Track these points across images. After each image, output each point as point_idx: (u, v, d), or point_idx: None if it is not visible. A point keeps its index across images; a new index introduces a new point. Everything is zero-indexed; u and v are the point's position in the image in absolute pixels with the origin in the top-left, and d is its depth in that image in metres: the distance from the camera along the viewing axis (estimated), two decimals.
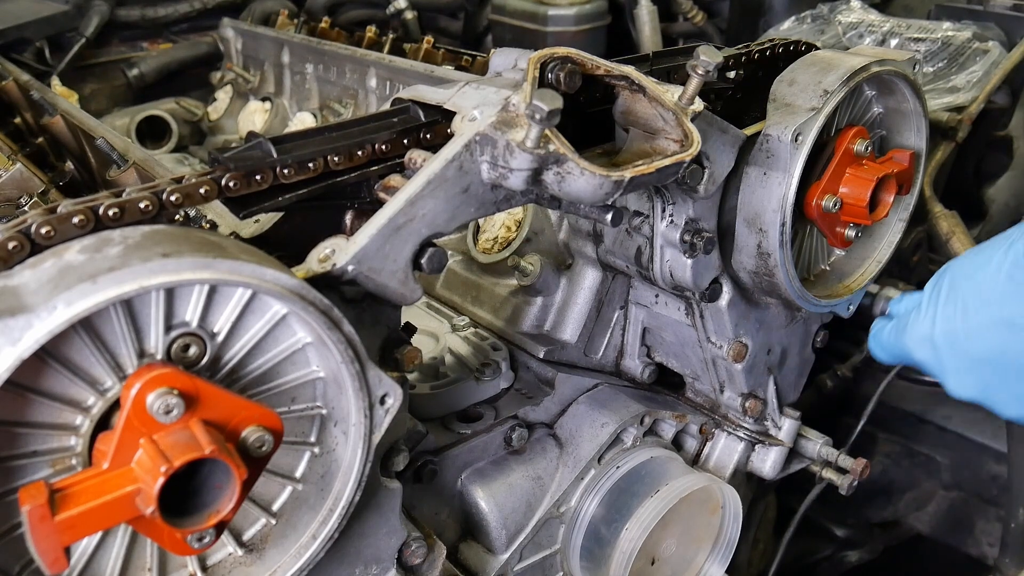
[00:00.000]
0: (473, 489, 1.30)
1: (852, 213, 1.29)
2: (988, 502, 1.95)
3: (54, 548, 0.70)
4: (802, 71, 1.27)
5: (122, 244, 0.76)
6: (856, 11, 2.29)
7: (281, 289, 0.80)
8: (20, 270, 0.75)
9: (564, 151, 0.93)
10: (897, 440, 2.05)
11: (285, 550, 0.93)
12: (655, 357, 1.53)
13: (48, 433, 0.77)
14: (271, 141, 0.94)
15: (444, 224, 0.96)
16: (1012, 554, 1.74)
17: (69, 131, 1.75)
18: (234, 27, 2.67)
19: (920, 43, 2.10)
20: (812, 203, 1.26)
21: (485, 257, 1.56)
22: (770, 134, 1.22)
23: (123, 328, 0.76)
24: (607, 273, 1.42)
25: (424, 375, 1.36)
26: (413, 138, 1.02)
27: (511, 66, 1.11)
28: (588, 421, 1.38)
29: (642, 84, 1.04)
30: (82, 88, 2.52)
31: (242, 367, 0.85)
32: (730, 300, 1.36)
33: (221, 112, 2.60)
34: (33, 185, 1.53)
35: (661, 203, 1.25)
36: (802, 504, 1.75)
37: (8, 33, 2.42)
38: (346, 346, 0.85)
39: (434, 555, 1.12)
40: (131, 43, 2.72)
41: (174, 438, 0.74)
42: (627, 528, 1.31)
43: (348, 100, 2.24)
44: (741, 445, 1.53)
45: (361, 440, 0.91)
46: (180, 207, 0.88)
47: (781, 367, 1.52)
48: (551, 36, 2.71)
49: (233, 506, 0.77)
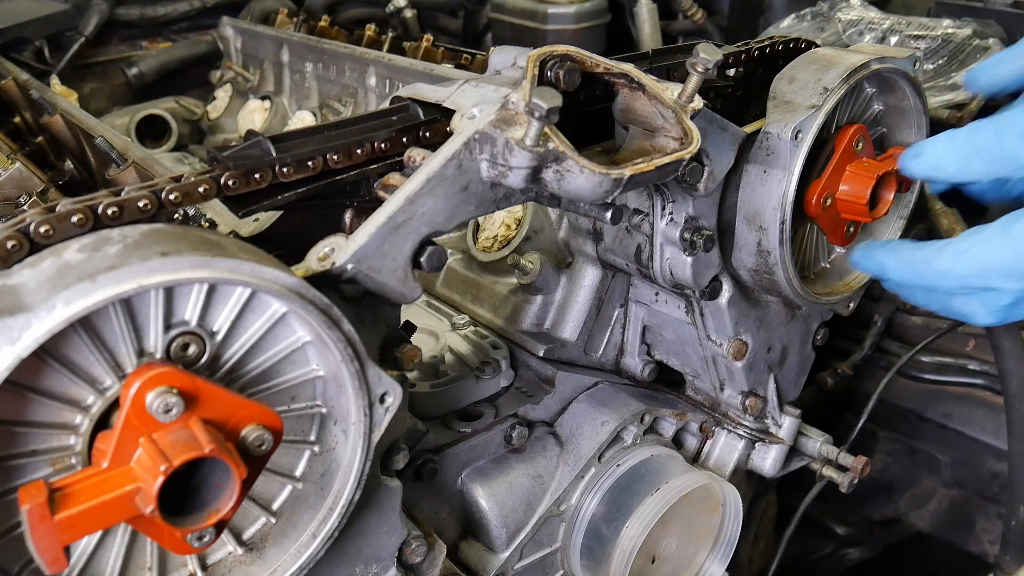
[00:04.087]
0: (473, 487, 1.30)
1: (852, 211, 1.29)
2: (989, 500, 1.95)
3: (54, 547, 0.70)
4: (802, 69, 1.27)
5: (121, 243, 0.76)
6: (856, 8, 2.29)
7: (280, 288, 0.80)
8: (19, 269, 0.75)
9: (563, 149, 0.93)
10: (898, 438, 2.05)
11: (285, 549, 0.93)
12: (655, 355, 1.53)
13: (47, 432, 0.77)
14: (270, 140, 0.94)
15: (443, 222, 0.95)
16: (1013, 551, 1.74)
17: (68, 130, 1.75)
18: (233, 26, 2.67)
19: (920, 40, 2.10)
20: (812, 201, 1.26)
21: (485, 255, 1.56)
22: (770, 132, 1.22)
23: (122, 327, 0.76)
24: (607, 271, 1.42)
25: (424, 373, 1.36)
26: (412, 136, 1.02)
27: (510, 64, 1.10)
28: (588, 419, 1.38)
29: (641, 82, 1.04)
30: (81, 87, 2.52)
31: (242, 366, 0.85)
32: (730, 298, 1.35)
33: (221, 111, 2.60)
34: (32, 184, 1.53)
35: (661, 201, 1.25)
36: (803, 502, 1.75)
37: (7, 32, 2.41)
38: (346, 345, 0.85)
39: (434, 554, 1.12)
40: (131, 42, 2.71)
41: (173, 437, 0.74)
42: (627, 526, 1.31)
43: (347, 99, 2.24)
44: (741, 443, 1.53)
45: (361, 439, 0.91)
46: (179, 206, 0.87)
47: (781, 365, 1.52)
48: (551, 34, 2.71)
49: (233, 505, 0.77)
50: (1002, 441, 1.81)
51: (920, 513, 2.06)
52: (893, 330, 1.99)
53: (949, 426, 1.94)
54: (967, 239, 1.02)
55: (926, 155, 1.07)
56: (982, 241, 0.99)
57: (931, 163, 1.06)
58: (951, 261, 1.01)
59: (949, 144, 1.04)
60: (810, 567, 2.21)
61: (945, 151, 1.04)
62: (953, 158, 1.03)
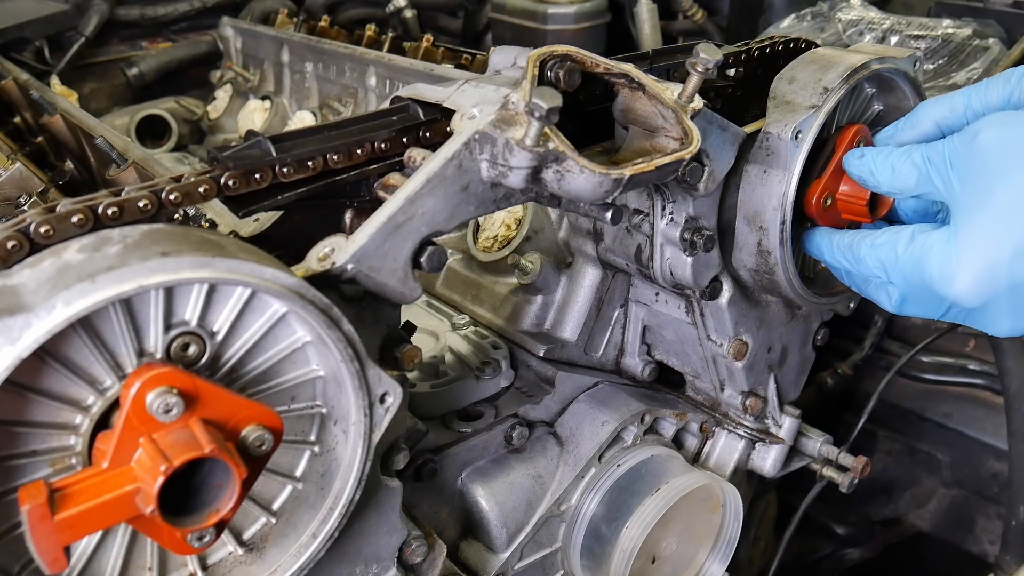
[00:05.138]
0: (473, 488, 1.30)
1: (853, 211, 1.29)
2: (989, 500, 1.95)
3: (54, 547, 0.70)
4: (802, 69, 1.27)
5: (121, 243, 0.76)
6: (856, 8, 2.29)
7: (280, 288, 0.80)
8: (19, 269, 0.75)
9: (563, 149, 0.93)
10: (898, 438, 2.05)
11: (285, 549, 0.93)
12: (655, 355, 1.53)
13: (47, 432, 0.77)
14: (270, 140, 0.94)
15: (444, 222, 0.95)
16: (1013, 551, 1.74)
17: (68, 130, 1.75)
18: (233, 26, 2.67)
19: (920, 40, 2.10)
20: (812, 201, 1.26)
21: (485, 255, 1.56)
22: (770, 132, 1.22)
23: (122, 327, 0.76)
24: (607, 271, 1.42)
25: (424, 373, 1.36)
26: (412, 136, 1.02)
27: (510, 64, 1.10)
28: (588, 419, 1.38)
29: (642, 82, 1.04)
30: (82, 87, 2.52)
31: (242, 366, 0.85)
32: (730, 298, 1.35)
33: (221, 111, 2.60)
34: (32, 184, 1.53)
35: (661, 201, 1.25)
36: (803, 502, 1.75)
37: (8, 32, 2.41)
38: (346, 345, 0.85)
39: (434, 554, 1.12)
40: (131, 42, 2.72)
41: (174, 437, 0.74)
42: (628, 526, 1.31)
43: (348, 99, 2.24)
44: (742, 443, 1.53)
45: (361, 439, 0.91)
46: (179, 206, 0.87)
47: (781, 365, 1.52)
48: (551, 34, 2.71)
49: (233, 505, 0.77)
50: (1002, 441, 1.81)
51: (920, 513, 2.06)
52: (893, 330, 1.99)
53: (949, 426, 1.94)
54: (882, 235, 1.12)
55: (866, 158, 1.17)
56: (890, 242, 1.10)
57: (868, 167, 1.16)
58: (866, 252, 1.13)
59: (887, 155, 1.14)
60: (810, 567, 2.21)
61: (884, 160, 1.14)
62: (886, 168, 1.13)
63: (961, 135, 1.05)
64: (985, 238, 0.99)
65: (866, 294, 1.20)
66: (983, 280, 1.00)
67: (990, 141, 1.00)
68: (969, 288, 1.01)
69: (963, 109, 1.12)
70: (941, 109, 1.15)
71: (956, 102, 1.13)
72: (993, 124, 1.01)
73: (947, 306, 1.10)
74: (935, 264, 1.04)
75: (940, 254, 1.03)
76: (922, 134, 1.17)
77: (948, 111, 1.14)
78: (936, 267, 1.04)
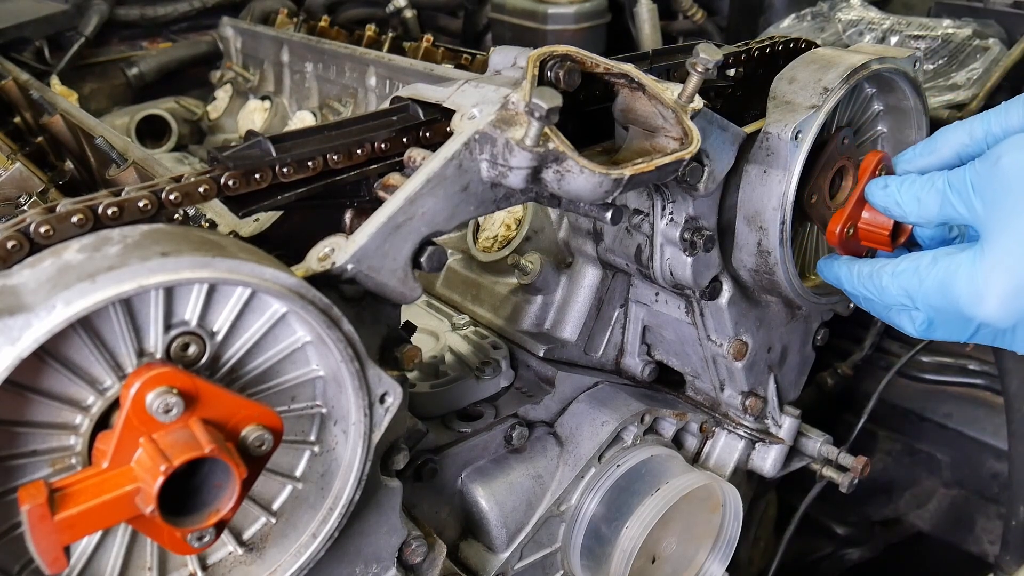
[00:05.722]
0: (473, 488, 1.30)
1: (874, 239, 1.26)
2: (989, 500, 1.95)
3: (54, 547, 0.70)
4: (802, 69, 1.27)
5: (121, 243, 0.76)
6: (856, 8, 2.29)
7: (280, 288, 0.80)
8: (19, 269, 0.75)
9: (563, 149, 0.93)
10: (898, 438, 2.05)
11: (285, 549, 0.93)
12: (655, 355, 1.53)
13: (47, 432, 0.77)
14: (270, 140, 0.94)
15: (443, 222, 0.95)
16: (1013, 551, 1.74)
17: (68, 130, 1.75)
18: (233, 26, 2.67)
19: (920, 40, 2.10)
20: (836, 231, 1.25)
21: (485, 255, 1.56)
22: (770, 132, 1.22)
23: (122, 327, 0.76)
24: (607, 271, 1.42)
25: (424, 374, 1.36)
26: (412, 136, 1.02)
27: (510, 64, 1.10)
28: (588, 419, 1.38)
29: (641, 82, 1.04)
30: (81, 87, 2.52)
31: (242, 366, 0.85)
32: (730, 298, 1.35)
33: (221, 111, 2.60)
34: (32, 184, 1.53)
35: (661, 201, 1.25)
36: (803, 502, 1.75)
37: (8, 32, 2.41)
38: (346, 345, 0.85)
39: (434, 554, 1.12)
40: (131, 42, 2.72)
41: (174, 437, 0.74)
42: (628, 526, 1.31)
43: (348, 99, 2.24)
44: (741, 443, 1.53)
45: (361, 439, 0.91)
46: (179, 206, 0.87)
47: (781, 365, 1.52)
48: (551, 34, 2.71)
49: (233, 505, 0.77)
50: (1002, 441, 1.81)
51: (920, 513, 2.06)
52: (893, 330, 1.99)
53: (949, 426, 1.94)
54: (903, 262, 1.12)
55: (890, 188, 1.17)
56: (911, 268, 1.10)
57: (893, 197, 1.16)
58: (888, 280, 1.13)
59: (910, 184, 1.14)
60: (810, 567, 2.21)
61: (908, 190, 1.14)
62: (911, 199, 1.14)
63: (983, 160, 1.05)
64: (1014, 259, 0.99)
65: (888, 320, 1.19)
66: (1013, 300, 1.00)
67: (1013, 164, 1.00)
68: (999, 308, 1.01)
69: (983, 134, 1.12)
70: (960, 135, 1.15)
71: (975, 127, 1.13)
72: (1015, 147, 1.02)
73: (975, 327, 1.10)
74: (963, 285, 1.03)
75: (967, 275, 1.03)
76: (941, 160, 1.17)
77: (967, 136, 1.14)
78: (964, 288, 1.03)
